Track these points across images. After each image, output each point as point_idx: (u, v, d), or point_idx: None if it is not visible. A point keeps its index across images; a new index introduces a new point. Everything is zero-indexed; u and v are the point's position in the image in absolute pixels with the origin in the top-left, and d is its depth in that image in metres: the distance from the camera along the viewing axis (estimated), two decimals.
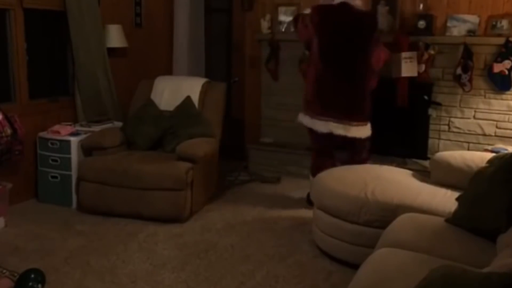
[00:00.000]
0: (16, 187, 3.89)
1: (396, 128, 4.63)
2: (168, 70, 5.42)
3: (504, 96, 4.33)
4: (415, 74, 4.39)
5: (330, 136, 3.83)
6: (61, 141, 4.07)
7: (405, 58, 4.39)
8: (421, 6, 4.55)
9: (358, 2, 3.85)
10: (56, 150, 4.09)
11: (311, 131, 3.98)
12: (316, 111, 3.89)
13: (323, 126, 3.84)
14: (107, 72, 4.73)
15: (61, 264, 3.09)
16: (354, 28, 3.83)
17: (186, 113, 4.32)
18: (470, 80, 4.36)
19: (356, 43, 3.83)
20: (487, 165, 2.66)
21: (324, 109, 3.85)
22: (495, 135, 4.41)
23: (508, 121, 4.34)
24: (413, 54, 4.39)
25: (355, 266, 2.39)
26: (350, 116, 3.82)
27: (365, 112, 3.91)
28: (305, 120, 3.99)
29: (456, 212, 2.57)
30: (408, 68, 4.40)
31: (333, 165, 3.88)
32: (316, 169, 3.87)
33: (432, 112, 4.58)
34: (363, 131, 3.89)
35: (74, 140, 4.07)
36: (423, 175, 3.44)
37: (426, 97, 4.55)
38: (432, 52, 4.43)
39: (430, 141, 4.65)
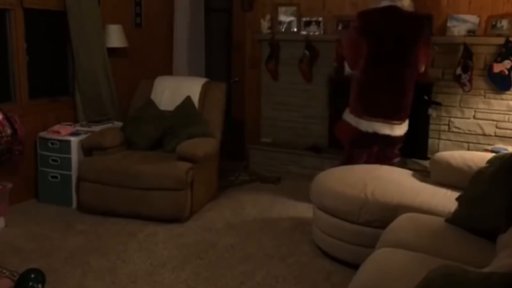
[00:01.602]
0: (16, 187, 3.89)
1: None
2: (168, 70, 5.41)
3: (504, 96, 4.33)
4: None
5: (374, 135, 3.89)
6: (61, 141, 4.07)
7: None
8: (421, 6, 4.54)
9: (405, 4, 3.84)
10: (56, 150, 4.09)
11: (355, 129, 4.00)
12: (361, 111, 3.93)
13: (368, 126, 3.90)
14: (107, 72, 4.73)
15: (61, 264, 3.09)
16: (400, 31, 3.83)
17: (186, 113, 4.32)
18: (470, 80, 4.36)
19: (402, 46, 3.82)
20: (487, 165, 2.66)
21: (369, 109, 3.90)
22: (495, 135, 4.41)
23: (508, 121, 4.34)
24: None
25: (355, 266, 2.39)
26: (394, 116, 3.88)
27: (407, 111, 3.95)
28: (351, 119, 4.02)
29: (456, 212, 2.57)
30: None
31: (364, 159, 4.04)
32: (349, 160, 3.99)
33: (432, 112, 4.58)
34: (404, 128, 3.97)
35: (74, 140, 4.07)
36: (423, 175, 3.44)
37: (426, 97, 4.55)
38: (432, 52, 4.43)
39: (430, 141, 4.65)
